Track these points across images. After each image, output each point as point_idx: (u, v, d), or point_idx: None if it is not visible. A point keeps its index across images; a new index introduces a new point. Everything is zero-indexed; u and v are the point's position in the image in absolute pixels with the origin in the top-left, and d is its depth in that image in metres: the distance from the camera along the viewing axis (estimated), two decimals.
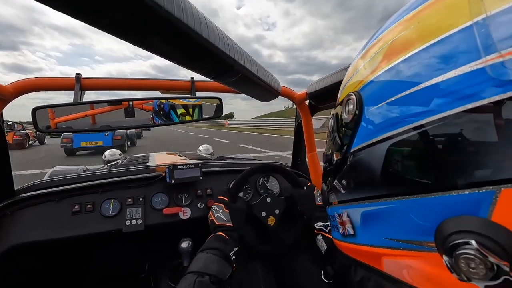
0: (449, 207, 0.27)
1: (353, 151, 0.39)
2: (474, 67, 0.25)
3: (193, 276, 0.62)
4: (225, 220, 0.82)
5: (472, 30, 0.25)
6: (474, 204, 0.25)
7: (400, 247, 0.33)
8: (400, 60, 0.32)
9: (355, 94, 0.39)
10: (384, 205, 0.34)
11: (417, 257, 0.32)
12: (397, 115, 0.32)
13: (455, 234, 0.25)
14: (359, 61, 0.42)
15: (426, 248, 0.30)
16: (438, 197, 0.28)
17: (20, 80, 0.76)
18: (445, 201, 0.27)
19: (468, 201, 0.25)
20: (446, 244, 0.26)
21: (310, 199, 0.93)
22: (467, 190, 0.25)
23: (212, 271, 0.64)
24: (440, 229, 0.27)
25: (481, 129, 0.25)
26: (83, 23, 0.23)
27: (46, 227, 0.85)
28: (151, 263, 1.24)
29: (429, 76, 0.28)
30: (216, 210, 0.85)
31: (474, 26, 0.25)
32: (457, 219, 0.26)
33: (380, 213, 0.35)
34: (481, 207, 0.24)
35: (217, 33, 0.34)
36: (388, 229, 0.35)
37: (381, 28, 0.39)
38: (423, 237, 0.30)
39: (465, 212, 0.26)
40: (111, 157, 2.56)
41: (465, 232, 0.25)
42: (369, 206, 0.37)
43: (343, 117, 0.42)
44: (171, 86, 0.98)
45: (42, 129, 0.83)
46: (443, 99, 0.27)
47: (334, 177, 0.46)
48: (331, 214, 0.51)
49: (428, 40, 0.29)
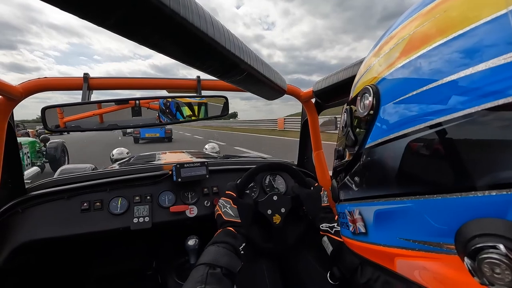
0: (471, 208, 0.26)
1: (368, 147, 0.38)
2: (508, 59, 0.23)
3: (205, 268, 0.62)
4: (233, 215, 0.82)
5: (508, 19, 0.23)
6: (502, 206, 0.23)
7: (416, 248, 0.32)
8: (419, 55, 0.30)
9: (372, 88, 0.37)
10: (399, 204, 0.33)
11: (434, 259, 0.30)
12: (416, 111, 0.30)
13: (479, 237, 0.24)
14: (372, 59, 0.40)
15: (445, 250, 0.29)
16: (459, 198, 0.26)
17: (29, 80, 0.77)
18: (467, 202, 0.26)
19: (494, 203, 0.24)
20: (468, 247, 0.25)
21: (316, 199, 0.92)
22: (494, 191, 0.24)
23: (223, 264, 0.64)
24: (462, 231, 0.26)
25: (508, 127, 0.23)
26: (84, 22, 0.23)
27: (56, 225, 0.87)
28: (158, 261, 1.26)
29: (450, 72, 0.27)
30: (224, 205, 0.85)
31: (509, 14, 0.23)
32: (481, 221, 0.25)
33: (395, 212, 0.34)
34: (508, 209, 0.23)
35: (223, 31, 0.34)
36: (403, 229, 0.34)
37: (393, 25, 0.38)
38: (442, 239, 0.29)
39: (490, 214, 0.24)
40: (119, 155, 2.60)
41: (491, 235, 0.23)
42: (383, 205, 0.36)
43: (358, 111, 0.40)
44: (177, 85, 0.99)
45: (51, 128, 0.84)
46: (466, 96, 0.25)
47: (346, 174, 0.45)
48: (341, 211, 0.49)
49: (450, 33, 0.27)
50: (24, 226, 0.84)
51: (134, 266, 1.27)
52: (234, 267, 0.66)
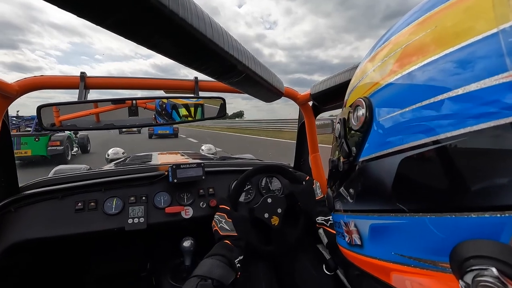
0: (466, 229, 0.25)
1: (363, 160, 0.37)
2: (500, 80, 0.22)
3: (196, 280, 0.64)
4: (228, 230, 0.83)
5: (498, 39, 0.23)
6: (496, 228, 0.23)
7: (412, 264, 0.32)
8: (416, 67, 0.30)
9: (365, 101, 0.36)
10: (394, 220, 0.33)
11: (429, 276, 0.30)
12: (410, 127, 0.30)
13: (473, 259, 0.24)
14: (368, 64, 0.39)
15: (440, 268, 0.28)
16: (455, 217, 0.26)
17: (25, 78, 0.76)
18: (463, 222, 0.25)
19: (488, 224, 0.24)
20: (463, 269, 0.24)
21: (310, 194, 0.93)
22: (487, 213, 0.24)
23: (215, 276, 0.66)
24: (457, 251, 0.26)
25: (505, 149, 0.23)
26: (85, 21, 0.23)
27: (49, 225, 0.86)
28: (153, 262, 1.25)
29: (445, 88, 0.26)
30: (219, 220, 0.85)
31: (500, 33, 0.22)
32: (476, 242, 0.24)
33: (390, 228, 0.34)
34: (503, 232, 0.23)
35: (221, 33, 0.34)
36: (398, 244, 0.33)
37: (390, 30, 0.37)
38: (437, 257, 0.29)
39: (484, 235, 0.24)
40: (115, 155, 2.58)
41: (484, 257, 0.23)
42: (378, 219, 0.35)
43: (352, 123, 0.39)
44: (175, 85, 0.99)
45: (47, 126, 0.83)
46: (462, 114, 0.25)
47: (340, 184, 0.44)
48: (336, 220, 0.49)
49: (446, 47, 0.27)
50: (17, 225, 0.83)
51: (129, 267, 1.26)
52: (227, 279, 0.68)
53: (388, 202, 0.33)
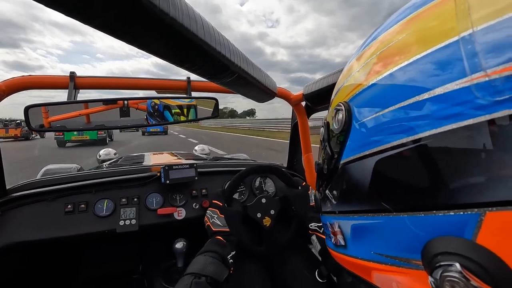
0: (435, 227, 0.26)
1: (343, 163, 0.38)
2: (460, 85, 0.23)
3: (190, 278, 0.63)
4: (221, 225, 0.83)
5: (459, 46, 0.24)
6: (460, 226, 0.24)
7: (389, 263, 0.33)
8: (394, 70, 0.30)
9: (344, 105, 0.37)
10: (372, 220, 0.34)
11: (405, 274, 0.31)
12: (384, 129, 0.31)
13: (441, 255, 0.25)
14: (354, 63, 0.40)
15: (413, 266, 0.29)
16: (424, 216, 0.27)
17: (12, 78, 0.75)
18: (432, 220, 0.26)
19: (454, 222, 0.25)
20: (432, 265, 0.26)
21: (305, 199, 0.93)
22: (452, 211, 0.25)
23: (209, 273, 0.65)
24: (427, 248, 0.27)
25: (468, 150, 0.24)
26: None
27: (38, 227, 0.84)
28: (145, 264, 1.23)
29: (422, 89, 0.27)
30: (211, 215, 0.85)
31: (460, 41, 0.24)
32: (443, 239, 0.25)
33: (369, 227, 0.35)
34: (466, 228, 0.24)
35: (213, 33, 0.34)
36: (376, 244, 0.35)
37: (378, 29, 0.38)
38: (410, 255, 0.30)
39: (451, 233, 0.25)
40: (106, 156, 2.53)
41: (450, 253, 0.24)
42: (358, 220, 0.37)
43: (333, 127, 0.40)
44: (167, 86, 0.98)
45: (35, 127, 0.82)
46: (427, 117, 0.26)
47: (326, 186, 0.46)
48: (324, 222, 0.50)
49: (421, 50, 0.28)
50: (4, 228, 0.81)
51: (121, 269, 1.24)
52: (220, 275, 0.67)
53: (367, 202, 0.35)
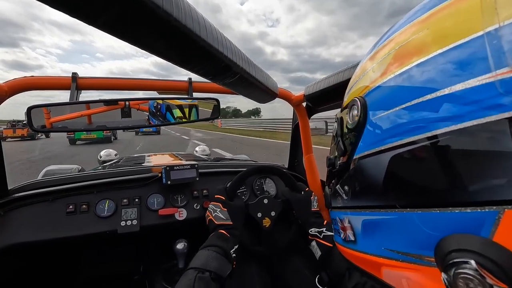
0: (450, 224, 0.26)
1: (356, 158, 0.38)
2: (483, 81, 0.23)
3: (193, 272, 0.63)
4: (224, 218, 0.82)
5: (483, 41, 0.23)
6: (476, 223, 0.24)
7: (400, 259, 0.33)
8: (408, 67, 0.30)
9: (360, 100, 0.37)
10: (384, 216, 0.34)
11: (416, 270, 0.31)
12: (398, 126, 0.31)
13: (455, 252, 0.25)
14: (368, 63, 0.40)
15: (426, 263, 0.29)
16: (439, 213, 0.27)
17: (15, 79, 0.75)
18: (447, 217, 0.26)
19: (470, 219, 0.25)
20: (445, 262, 0.25)
21: (307, 204, 0.93)
22: (469, 208, 0.24)
23: (212, 268, 0.65)
24: (441, 245, 0.27)
25: (488, 148, 0.24)
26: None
27: (40, 228, 0.84)
28: (145, 265, 1.23)
29: (432, 88, 0.27)
30: (214, 209, 0.85)
31: (485, 36, 0.23)
32: (458, 236, 0.25)
33: (381, 223, 0.35)
34: (483, 226, 0.24)
35: (215, 34, 0.34)
36: (387, 239, 0.35)
37: (392, 29, 0.38)
38: (422, 251, 0.30)
39: (467, 230, 0.25)
40: (107, 157, 2.54)
41: (465, 251, 0.24)
42: (370, 215, 0.37)
43: (348, 122, 0.41)
44: (168, 86, 0.98)
45: (37, 128, 0.82)
46: (445, 114, 0.26)
47: (337, 182, 0.46)
48: (333, 217, 0.50)
49: (439, 46, 0.27)
50: (6, 229, 0.81)
51: (122, 269, 1.24)
52: (224, 271, 0.67)
53: (379, 198, 0.35)
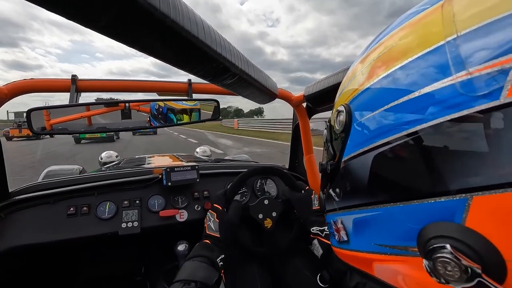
0: (428, 213, 0.28)
1: (344, 160, 0.41)
2: (446, 83, 0.26)
3: (179, 285, 0.64)
4: (214, 230, 0.83)
5: (445, 49, 0.27)
6: (450, 211, 0.26)
7: (388, 252, 0.35)
8: (388, 72, 0.33)
9: (345, 107, 0.40)
10: (371, 212, 0.36)
11: (402, 262, 0.33)
12: (382, 126, 0.33)
13: (434, 239, 0.27)
14: (358, 66, 0.42)
15: (410, 253, 0.31)
16: (418, 204, 0.29)
17: (15, 81, 0.75)
18: (425, 208, 0.28)
19: (445, 208, 0.27)
20: (426, 249, 0.28)
21: (307, 203, 0.92)
22: (443, 198, 0.27)
23: (198, 278, 0.66)
24: (421, 234, 0.29)
25: (455, 140, 0.26)
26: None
27: (41, 230, 0.84)
28: (147, 266, 1.23)
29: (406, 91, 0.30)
30: (209, 218, 0.85)
31: (446, 45, 0.27)
32: (436, 224, 0.28)
33: (369, 220, 0.37)
34: (456, 213, 0.26)
35: (214, 35, 0.34)
36: (376, 235, 0.37)
37: (382, 32, 0.40)
38: (407, 242, 0.31)
39: (443, 218, 0.27)
40: (108, 159, 2.54)
41: (442, 237, 0.26)
42: (359, 213, 0.39)
43: (335, 128, 0.43)
44: (168, 88, 0.98)
45: (37, 130, 0.82)
46: (417, 114, 0.29)
47: (329, 186, 0.48)
48: (328, 221, 0.52)
49: (414, 53, 0.30)
50: (7, 231, 0.81)
51: (123, 271, 1.24)
52: (210, 279, 0.68)
53: (367, 196, 0.37)
